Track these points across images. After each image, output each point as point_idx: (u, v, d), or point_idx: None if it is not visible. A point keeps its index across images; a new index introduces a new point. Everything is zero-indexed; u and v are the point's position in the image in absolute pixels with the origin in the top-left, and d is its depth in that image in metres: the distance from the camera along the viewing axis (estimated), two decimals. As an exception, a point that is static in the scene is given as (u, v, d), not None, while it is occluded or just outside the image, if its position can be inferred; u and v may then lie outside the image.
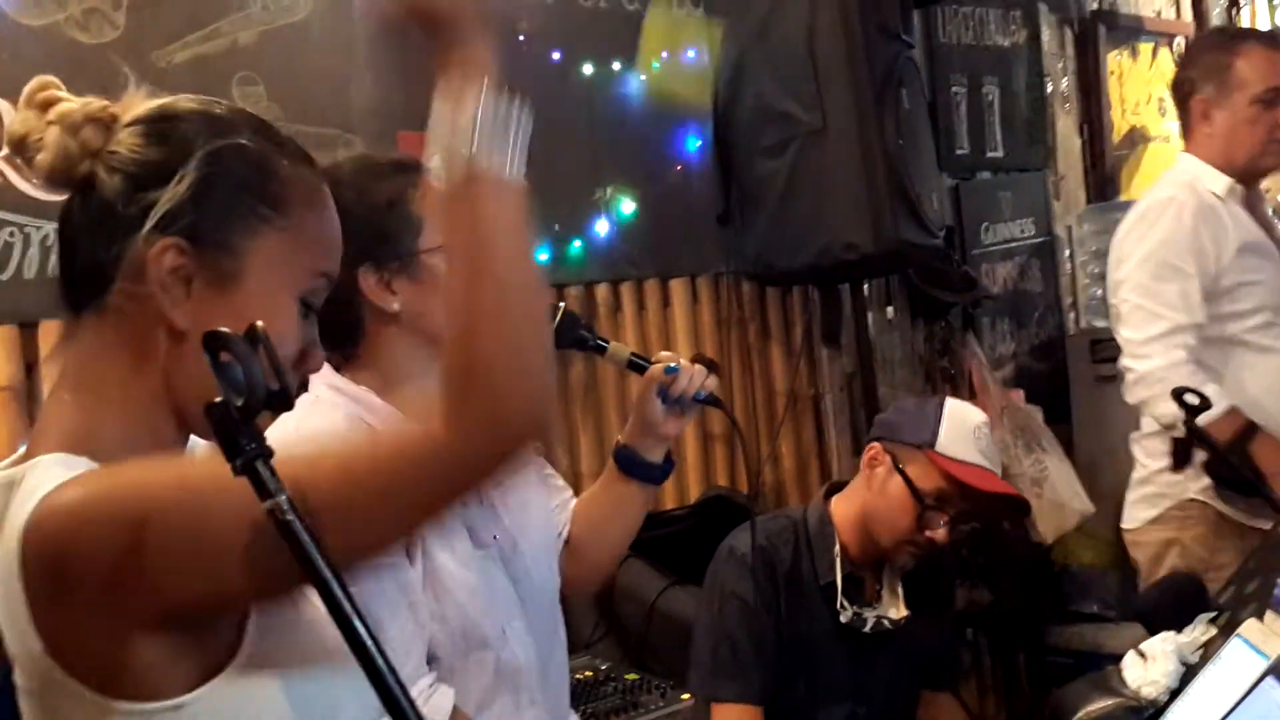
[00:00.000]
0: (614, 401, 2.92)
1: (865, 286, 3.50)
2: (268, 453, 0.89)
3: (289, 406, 0.91)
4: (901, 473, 2.23)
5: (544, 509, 1.71)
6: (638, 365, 1.69)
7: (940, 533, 2.23)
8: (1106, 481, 3.89)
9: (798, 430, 3.38)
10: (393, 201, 1.52)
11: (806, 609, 2.24)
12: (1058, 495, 3.71)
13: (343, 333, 1.51)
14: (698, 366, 1.69)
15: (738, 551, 2.23)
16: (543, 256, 2.84)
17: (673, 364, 1.67)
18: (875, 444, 2.31)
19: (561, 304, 1.70)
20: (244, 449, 0.88)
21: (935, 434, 2.23)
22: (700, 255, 3.21)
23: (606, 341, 1.69)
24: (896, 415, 2.36)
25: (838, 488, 2.37)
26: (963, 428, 2.25)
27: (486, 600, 1.51)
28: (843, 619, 2.22)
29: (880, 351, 3.57)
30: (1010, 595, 3.44)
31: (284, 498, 0.87)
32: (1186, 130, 2.93)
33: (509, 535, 1.58)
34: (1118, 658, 1.80)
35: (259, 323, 0.92)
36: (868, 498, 2.27)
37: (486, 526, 1.56)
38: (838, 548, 2.26)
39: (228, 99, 1.24)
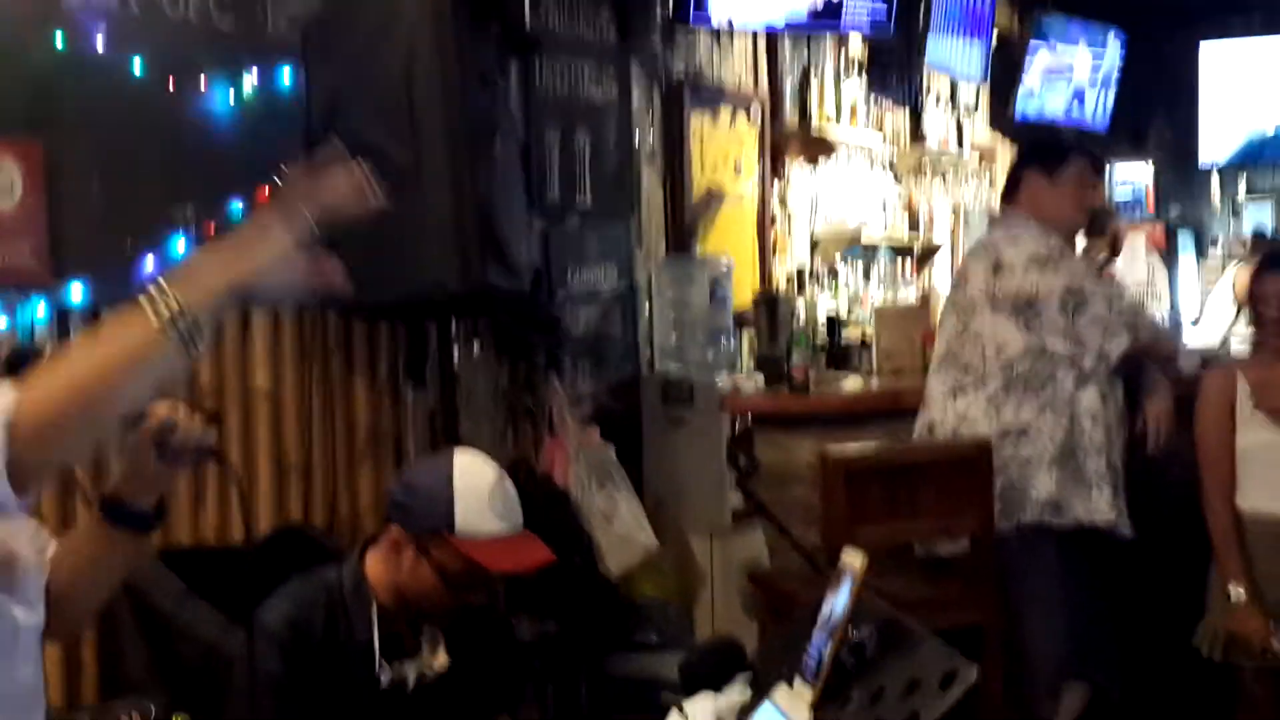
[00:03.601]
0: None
1: (452, 323, 3.56)
2: None
3: None
4: (428, 558, 2.20)
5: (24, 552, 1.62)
6: (134, 420, 1.58)
7: (481, 597, 2.26)
8: (670, 517, 4.16)
9: (378, 466, 3.39)
10: None
11: (347, 676, 2.20)
12: (626, 529, 3.90)
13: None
14: (196, 418, 1.61)
15: (268, 627, 2.16)
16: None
17: (170, 417, 1.58)
18: (394, 526, 2.26)
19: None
20: None
21: (451, 516, 2.20)
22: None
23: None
24: (409, 497, 2.28)
25: (373, 541, 2.32)
26: (478, 498, 2.22)
27: None
28: (383, 682, 2.20)
29: (465, 388, 3.64)
30: (577, 627, 3.58)
31: None
32: None
33: None
34: (674, 686, 1.92)
35: None
36: (399, 578, 2.23)
37: None
38: (374, 608, 2.23)
39: None
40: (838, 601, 1.70)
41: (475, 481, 2.24)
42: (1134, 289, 6.47)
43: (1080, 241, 3.85)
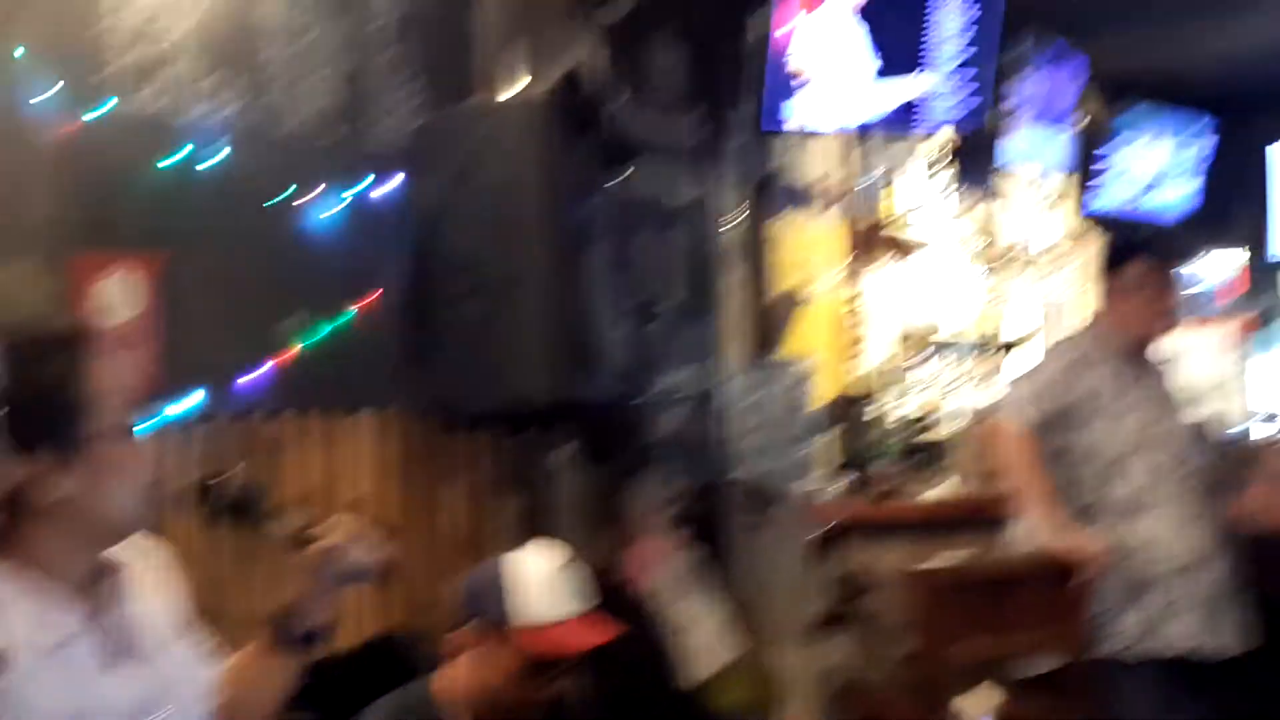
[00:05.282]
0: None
1: (544, 430, 3.61)
2: None
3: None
4: (494, 653, 2.21)
5: (194, 677, 1.66)
6: (305, 539, 1.60)
7: (557, 689, 2.24)
8: (754, 623, 4.14)
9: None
10: (58, 384, 1.44)
11: None
12: (708, 637, 3.89)
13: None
14: (368, 537, 1.61)
15: None
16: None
17: (342, 542, 1.59)
18: (464, 627, 2.26)
19: (234, 470, 1.63)
20: None
21: (505, 605, 2.21)
22: (385, 393, 3.24)
23: (274, 514, 1.62)
24: (470, 596, 2.28)
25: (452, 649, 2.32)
26: (536, 585, 2.22)
27: None
28: None
29: (555, 494, 3.68)
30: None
31: None
32: None
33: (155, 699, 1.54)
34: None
35: None
36: (472, 678, 2.24)
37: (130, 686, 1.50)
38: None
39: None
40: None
41: (532, 569, 2.25)
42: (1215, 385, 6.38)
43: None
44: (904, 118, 4.92)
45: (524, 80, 3.61)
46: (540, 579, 2.24)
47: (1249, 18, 6.17)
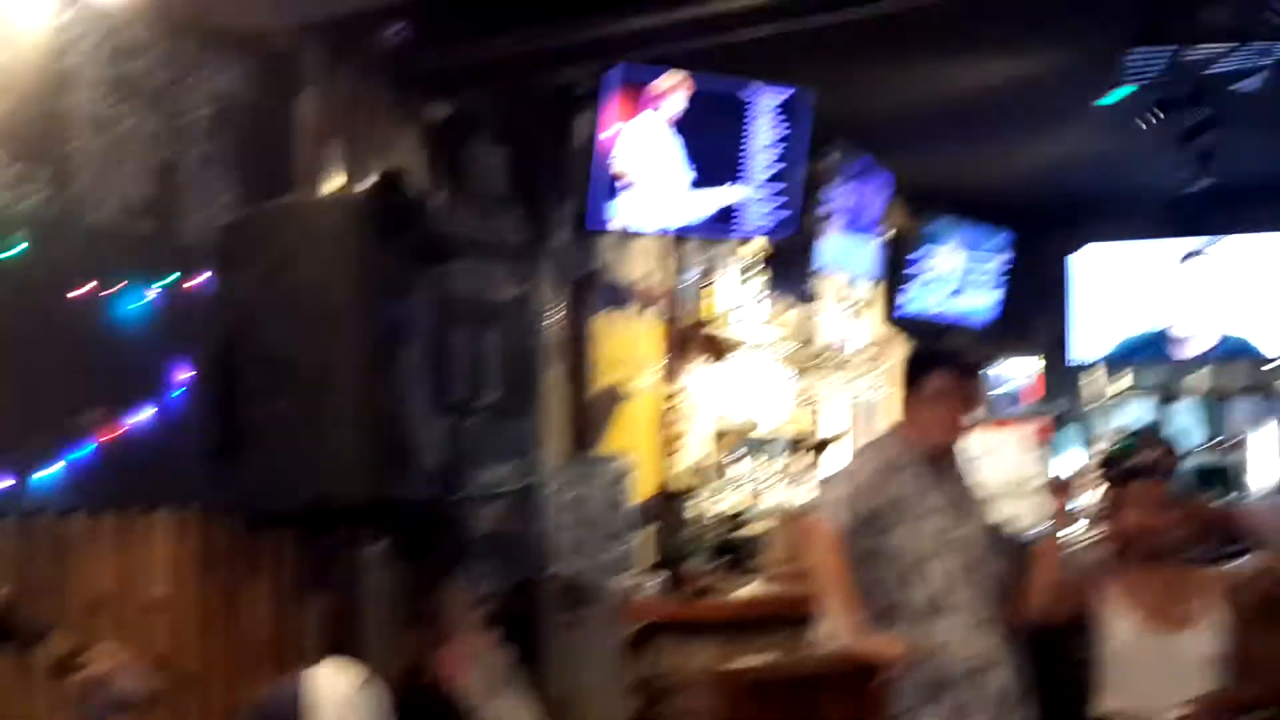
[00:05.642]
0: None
1: (354, 529, 3.56)
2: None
3: None
4: None
5: None
6: (70, 666, 1.57)
7: None
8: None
9: (279, 674, 3.33)
10: None
11: None
12: (524, 736, 3.85)
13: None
14: (137, 665, 1.60)
15: None
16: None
17: (101, 672, 1.56)
18: None
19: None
20: None
21: None
22: (186, 491, 3.17)
23: (39, 637, 1.58)
24: (268, 713, 2.27)
25: None
26: (337, 705, 2.22)
27: None
28: None
29: (365, 594, 3.62)
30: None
31: None
32: None
33: None
34: None
35: None
36: None
37: None
38: None
39: None
40: None
41: (329, 689, 2.25)
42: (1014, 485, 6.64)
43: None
44: (720, 223, 5.08)
45: (342, 178, 3.62)
46: (337, 699, 2.20)
47: (1047, 136, 6.58)
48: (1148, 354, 8.26)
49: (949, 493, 3.58)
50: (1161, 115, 5.69)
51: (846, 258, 6.67)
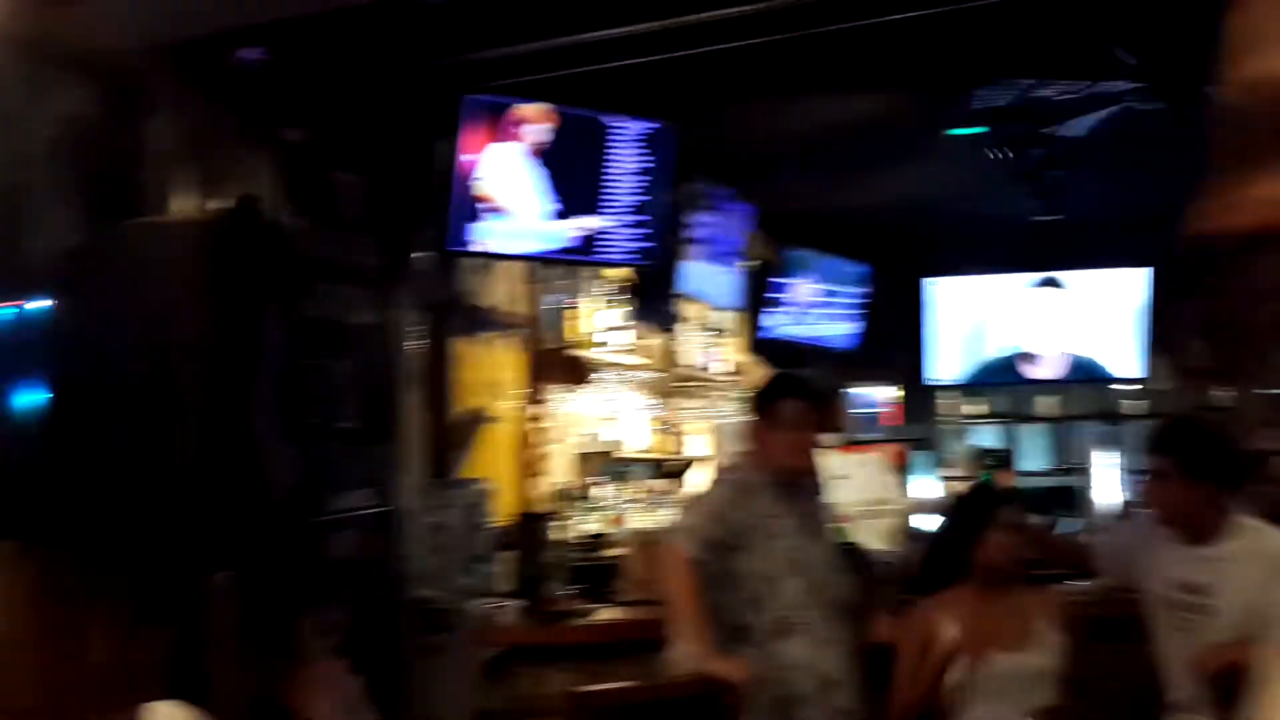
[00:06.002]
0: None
1: (204, 558, 3.50)
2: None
3: None
4: None
5: None
6: None
7: None
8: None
9: (120, 709, 3.26)
10: None
11: None
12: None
13: None
14: None
15: None
16: None
17: None
18: None
19: None
20: None
21: None
22: (25, 521, 3.09)
23: None
24: None
25: None
26: None
27: None
28: None
29: (216, 623, 3.56)
30: None
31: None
32: None
33: None
34: None
35: None
36: None
37: None
38: None
39: None
40: None
41: None
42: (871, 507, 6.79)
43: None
44: (583, 251, 5.12)
45: (193, 202, 3.57)
46: None
47: (903, 170, 6.77)
48: (1000, 379, 8.53)
49: (800, 515, 3.67)
50: (1009, 152, 5.91)
51: (709, 286, 6.77)
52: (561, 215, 4.89)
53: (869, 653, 3.62)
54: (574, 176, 4.85)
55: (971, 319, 8.41)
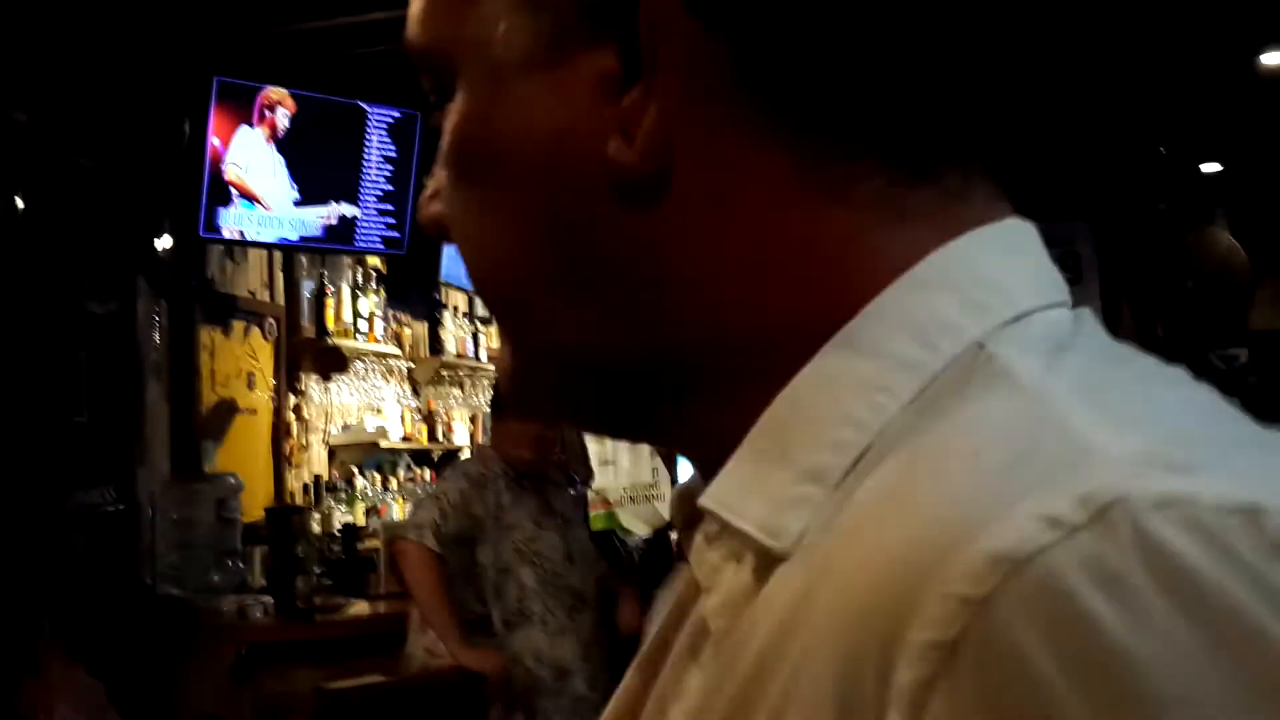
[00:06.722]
0: None
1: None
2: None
3: None
4: None
5: None
6: None
7: None
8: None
9: None
10: None
11: None
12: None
13: None
14: None
15: None
16: None
17: None
18: None
19: None
20: None
21: None
22: None
23: None
24: None
25: None
26: None
27: None
28: None
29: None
30: None
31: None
32: None
33: None
34: None
35: None
36: None
37: None
38: None
39: None
40: None
41: None
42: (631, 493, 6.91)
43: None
44: (333, 239, 5.04)
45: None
46: None
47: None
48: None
49: (536, 505, 3.71)
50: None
51: (466, 276, 6.76)
52: (306, 203, 4.79)
53: (617, 640, 3.70)
54: (320, 164, 4.76)
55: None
